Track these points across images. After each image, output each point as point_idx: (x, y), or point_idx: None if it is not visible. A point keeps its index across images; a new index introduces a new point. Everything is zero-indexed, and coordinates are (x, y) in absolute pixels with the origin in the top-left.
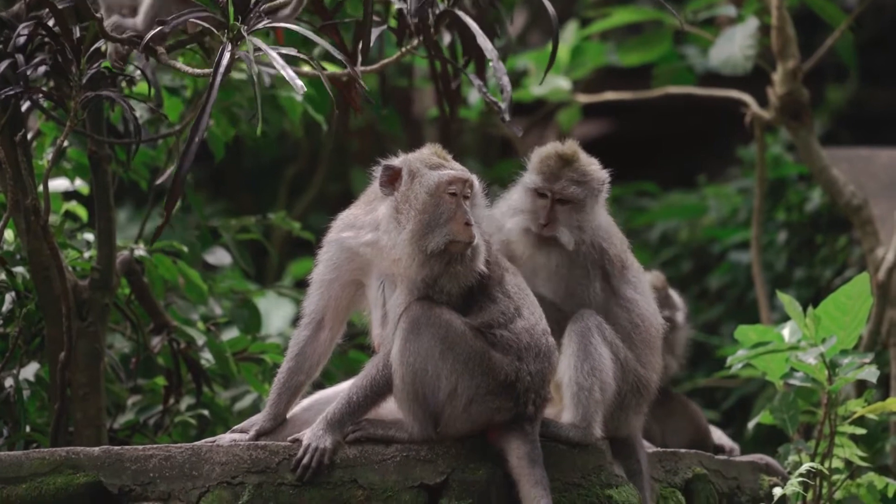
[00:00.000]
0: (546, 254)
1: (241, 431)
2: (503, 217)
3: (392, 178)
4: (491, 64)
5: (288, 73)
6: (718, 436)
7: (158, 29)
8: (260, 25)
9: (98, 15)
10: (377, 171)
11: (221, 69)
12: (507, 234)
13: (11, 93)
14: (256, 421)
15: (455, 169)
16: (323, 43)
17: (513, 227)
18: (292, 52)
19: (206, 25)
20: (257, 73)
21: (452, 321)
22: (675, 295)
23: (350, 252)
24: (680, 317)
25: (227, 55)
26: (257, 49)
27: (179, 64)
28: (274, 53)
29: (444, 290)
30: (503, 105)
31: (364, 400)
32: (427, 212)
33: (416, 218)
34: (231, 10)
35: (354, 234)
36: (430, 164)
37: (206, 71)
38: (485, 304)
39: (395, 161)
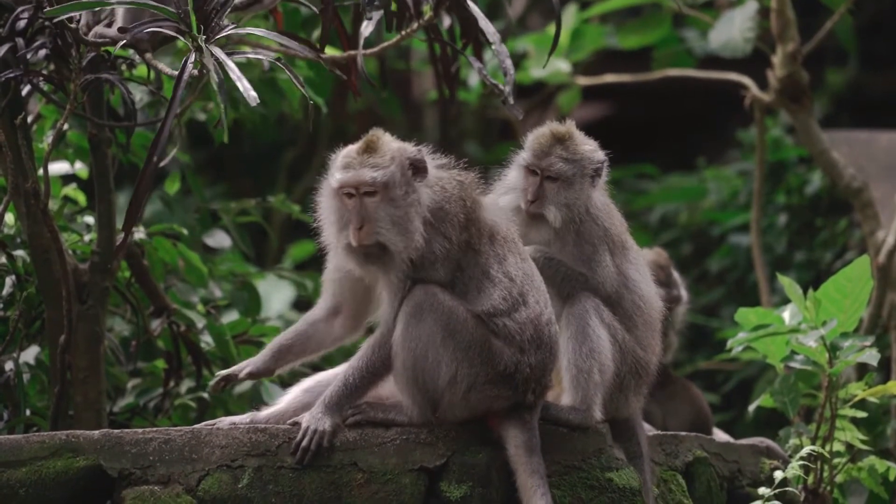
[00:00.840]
0: (537, 231)
1: (233, 375)
2: (497, 196)
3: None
4: (493, 47)
5: (243, 84)
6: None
7: (127, 37)
8: (223, 34)
9: (72, 24)
10: None
11: (182, 82)
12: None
13: (11, 76)
14: (244, 365)
15: (350, 173)
16: (290, 43)
17: (504, 206)
18: (267, 54)
19: (172, 34)
20: (222, 79)
21: (455, 308)
22: (674, 272)
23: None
24: (684, 293)
25: (189, 66)
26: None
27: (161, 65)
28: (231, 63)
29: (413, 265)
30: (506, 88)
31: (361, 382)
32: (330, 215)
33: (325, 220)
34: (193, 19)
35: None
36: (338, 164)
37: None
38: (483, 285)
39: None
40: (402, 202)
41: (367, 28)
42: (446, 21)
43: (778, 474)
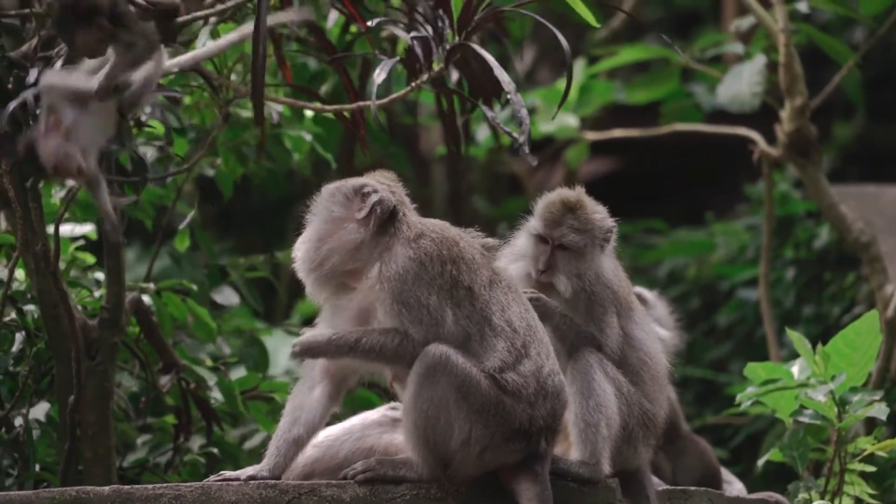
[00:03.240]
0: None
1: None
2: (507, 263)
3: None
4: (509, 96)
5: None
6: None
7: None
8: None
9: None
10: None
11: None
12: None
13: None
14: (256, 473)
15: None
16: None
17: (514, 273)
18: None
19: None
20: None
21: (469, 370)
22: (643, 291)
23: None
24: (648, 296)
25: None
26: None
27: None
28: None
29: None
30: (521, 137)
31: (367, 347)
32: None
33: None
34: None
35: None
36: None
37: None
38: (486, 336)
39: None
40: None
41: (379, 76)
42: (454, 75)
43: None
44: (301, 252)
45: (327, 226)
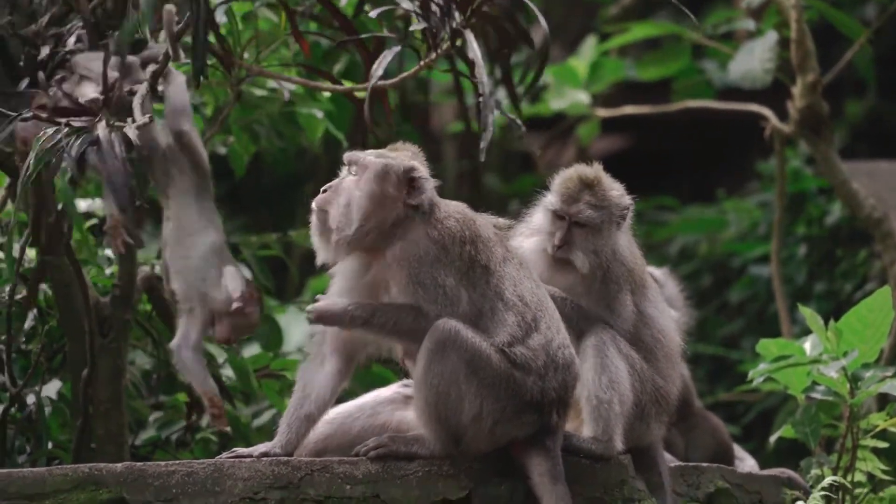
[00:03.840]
0: (563, 275)
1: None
2: (523, 238)
3: None
4: (481, 99)
5: None
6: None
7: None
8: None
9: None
10: None
11: None
12: (525, 255)
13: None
14: (268, 449)
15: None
16: None
17: (529, 248)
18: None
19: None
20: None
21: (478, 344)
22: (653, 270)
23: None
24: (658, 274)
25: None
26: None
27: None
28: None
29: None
30: (482, 144)
31: (385, 320)
32: None
33: None
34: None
35: None
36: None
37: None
38: (496, 310)
39: None
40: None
41: (381, 65)
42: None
43: None
44: (336, 213)
45: (371, 200)
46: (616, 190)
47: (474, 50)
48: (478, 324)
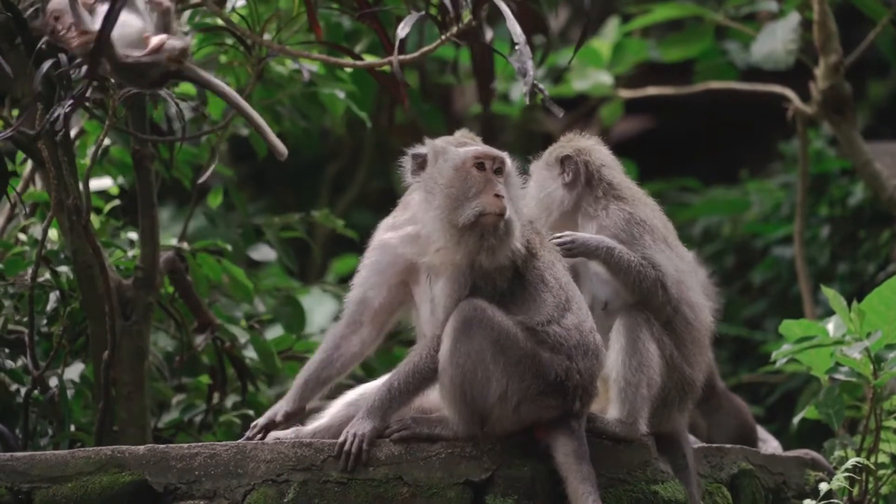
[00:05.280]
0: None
1: (271, 422)
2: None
3: (421, 165)
4: (517, 47)
5: None
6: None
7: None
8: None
9: None
10: (406, 163)
11: None
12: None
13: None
14: (279, 408)
15: (483, 146)
16: None
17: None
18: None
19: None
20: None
21: (504, 323)
22: None
23: (393, 253)
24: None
25: None
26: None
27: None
28: None
29: (485, 271)
30: (524, 88)
31: (406, 387)
32: (454, 186)
33: (444, 193)
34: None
35: (395, 234)
36: (456, 143)
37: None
38: (540, 291)
39: (422, 147)
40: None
41: (403, 29)
42: (489, 34)
43: (823, 486)
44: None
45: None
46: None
47: (503, 7)
48: (520, 305)
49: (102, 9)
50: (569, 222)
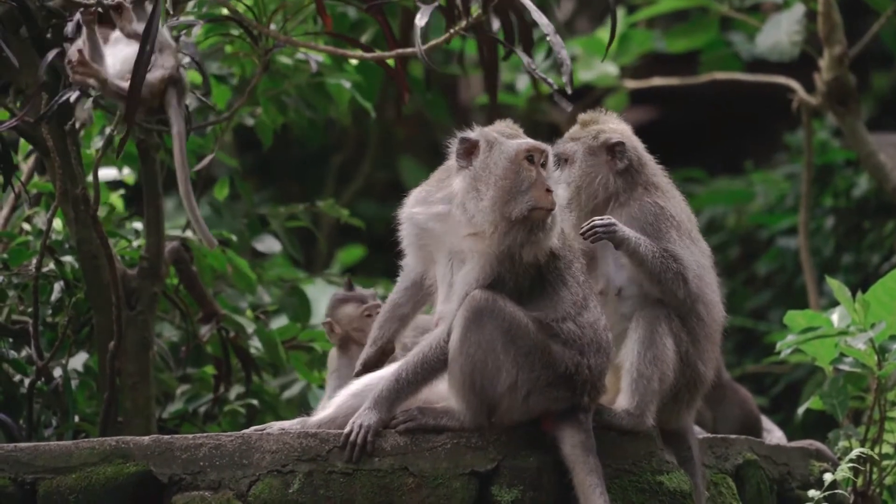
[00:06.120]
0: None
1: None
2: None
3: (469, 150)
4: (548, 38)
5: None
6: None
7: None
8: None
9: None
10: (453, 144)
11: None
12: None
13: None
14: (361, 358)
15: (532, 139)
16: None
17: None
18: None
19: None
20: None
21: (515, 313)
22: None
23: (419, 228)
24: None
25: None
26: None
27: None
28: None
29: (519, 264)
30: (564, 78)
31: (414, 377)
32: (509, 179)
33: (498, 185)
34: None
35: (424, 209)
36: (507, 134)
37: None
38: (558, 289)
39: (472, 133)
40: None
41: (421, 20)
42: (495, 25)
43: (827, 477)
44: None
45: None
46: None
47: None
48: (535, 299)
49: (115, 35)
50: (601, 209)
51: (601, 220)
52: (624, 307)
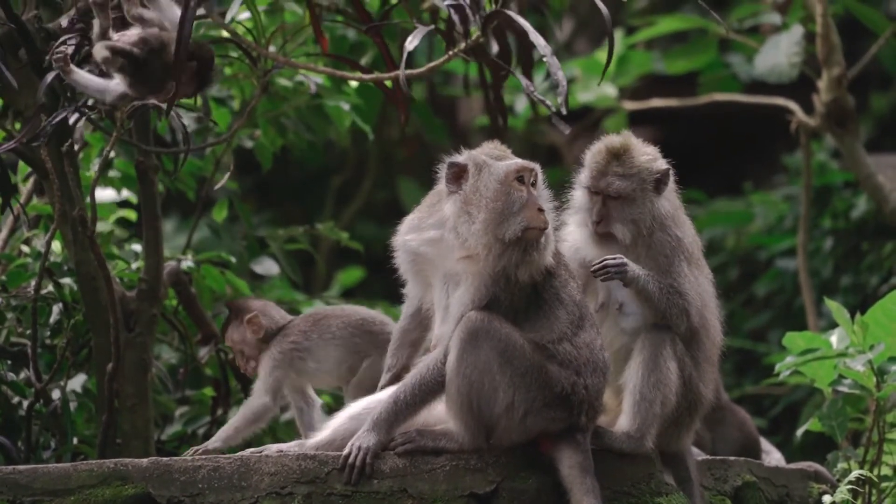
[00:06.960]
0: (607, 248)
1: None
2: (569, 216)
3: (458, 175)
4: (545, 59)
5: None
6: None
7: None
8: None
9: None
10: (442, 169)
11: None
12: (572, 232)
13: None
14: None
15: (520, 159)
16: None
17: (574, 225)
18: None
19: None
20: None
21: (511, 334)
22: None
23: (413, 254)
24: None
25: None
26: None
27: None
28: None
29: (514, 284)
30: (559, 99)
31: (412, 399)
32: (500, 200)
33: (489, 207)
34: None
35: (417, 236)
36: (495, 156)
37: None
38: (555, 308)
39: (460, 157)
40: None
41: (412, 42)
42: (495, 48)
43: (826, 499)
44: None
45: None
46: (646, 155)
47: (521, 21)
48: (531, 319)
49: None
50: (598, 238)
51: (614, 259)
52: (625, 322)
